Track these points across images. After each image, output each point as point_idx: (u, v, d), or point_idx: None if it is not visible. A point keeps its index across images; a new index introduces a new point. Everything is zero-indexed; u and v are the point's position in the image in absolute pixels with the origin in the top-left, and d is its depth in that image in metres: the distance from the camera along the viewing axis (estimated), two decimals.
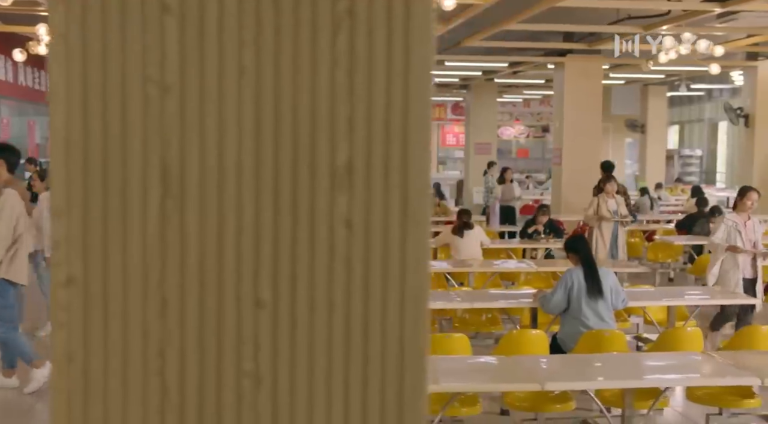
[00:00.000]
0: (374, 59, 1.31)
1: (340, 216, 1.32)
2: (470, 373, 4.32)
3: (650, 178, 21.70)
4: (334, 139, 1.31)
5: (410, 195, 1.33)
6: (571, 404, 4.62)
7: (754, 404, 4.75)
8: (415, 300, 1.35)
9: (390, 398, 1.36)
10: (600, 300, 5.69)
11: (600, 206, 9.78)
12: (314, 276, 1.32)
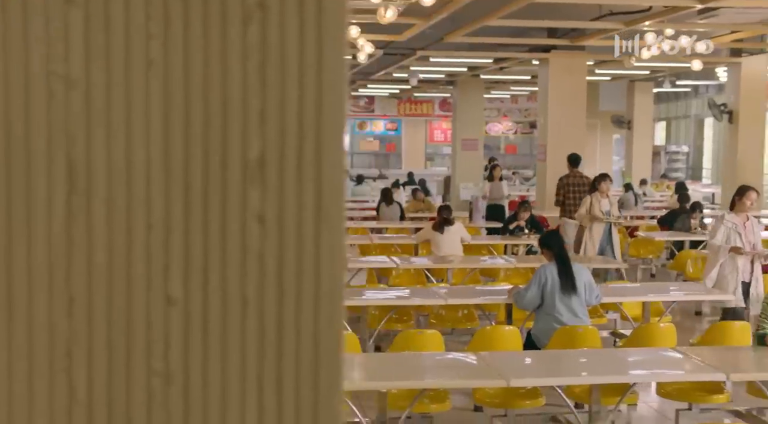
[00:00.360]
0: (286, 51, 1.29)
1: (252, 211, 1.30)
2: (439, 369, 4.31)
3: (636, 174, 21.76)
4: (245, 133, 1.29)
5: (324, 189, 1.31)
6: (540, 400, 4.61)
7: (722, 399, 4.76)
8: (330, 296, 1.33)
9: (305, 395, 1.34)
10: (574, 296, 5.69)
11: (593, 206, 9.54)
12: (226, 272, 1.30)
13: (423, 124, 30.43)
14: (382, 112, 29.83)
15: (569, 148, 14.99)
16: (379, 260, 8.31)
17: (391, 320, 6.63)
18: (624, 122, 23.61)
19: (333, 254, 1.34)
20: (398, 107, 29.76)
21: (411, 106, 29.89)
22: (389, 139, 30.54)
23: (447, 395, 4.57)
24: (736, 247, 6.74)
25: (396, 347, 5.17)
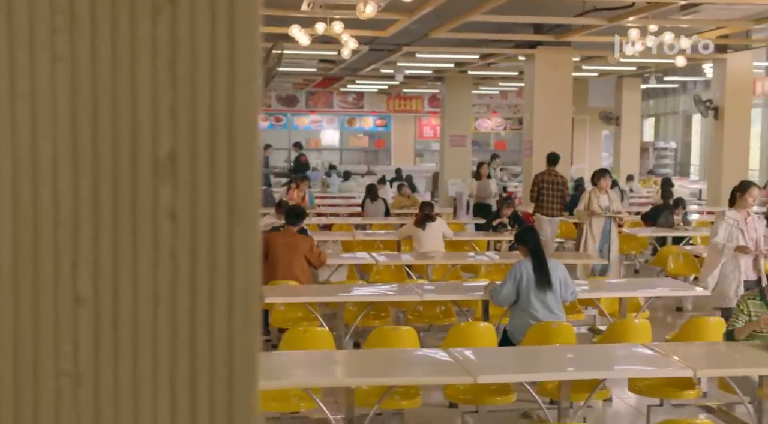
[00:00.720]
0: (197, 45, 1.27)
1: (164, 207, 1.28)
2: (409, 366, 4.30)
3: (624, 171, 21.80)
4: (156, 129, 1.27)
5: (238, 185, 1.30)
6: (511, 396, 4.61)
7: (693, 394, 4.76)
8: (245, 294, 1.31)
9: (219, 395, 1.32)
10: (549, 292, 5.69)
11: (591, 202, 9.40)
12: (137, 270, 1.28)
13: (412, 121, 30.41)
14: (371, 108, 29.79)
15: (555, 144, 15.00)
16: (359, 257, 8.29)
17: (369, 316, 6.61)
18: (612, 118, 23.64)
19: (247, 251, 1.33)
20: (387, 103, 29.72)
21: (400, 103, 29.86)
22: (378, 136, 30.51)
23: (418, 391, 4.56)
24: (742, 246, 6.48)
25: (370, 344, 5.16)
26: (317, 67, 18.82)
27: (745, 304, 4.67)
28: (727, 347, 4.58)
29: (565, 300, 5.88)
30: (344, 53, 11.30)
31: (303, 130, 29.65)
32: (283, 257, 7.03)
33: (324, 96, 29.10)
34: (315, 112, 29.38)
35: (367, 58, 16.81)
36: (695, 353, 4.57)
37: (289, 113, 29.36)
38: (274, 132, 29.65)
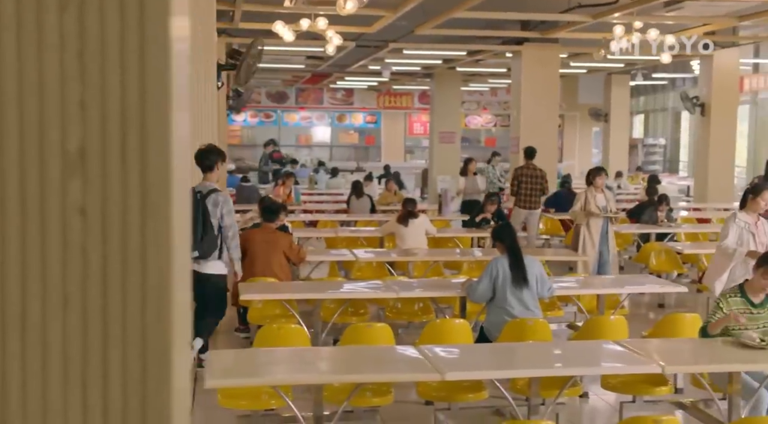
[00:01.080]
0: (106, 37, 1.25)
1: (73, 203, 1.26)
2: (380, 363, 4.27)
3: (613, 167, 21.79)
4: (64, 123, 1.25)
5: (150, 179, 1.28)
6: (483, 393, 4.60)
7: (665, 391, 4.76)
8: (158, 289, 1.30)
9: (132, 391, 1.31)
10: (525, 289, 5.67)
11: (588, 202, 8.87)
12: (46, 267, 1.26)
13: (402, 117, 30.39)
14: (361, 104, 29.76)
15: (542, 141, 15.01)
16: (339, 253, 8.27)
17: (347, 313, 6.59)
18: (601, 115, 23.65)
19: (160, 245, 1.31)
20: (377, 100, 29.70)
21: (390, 99, 29.83)
22: (369, 132, 30.47)
23: (389, 388, 4.55)
24: (753, 251, 6.16)
25: (345, 341, 5.14)
26: (305, 63, 18.79)
27: (725, 301, 4.66)
28: (699, 344, 4.57)
29: (542, 297, 5.87)
30: (329, 50, 11.27)
31: (293, 127, 29.60)
32: (262, 254, 7.01)
33: (314, 92, 29.07)
34: (305, 109, 29.34)
35: (355, 55, 16.79)
36: (666, 350, 4.56)
37: (279, 110, 29.31)
38: (264, 129, 29.60)
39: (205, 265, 6.05)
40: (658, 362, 4.01)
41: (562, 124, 30.70)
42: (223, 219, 6.12)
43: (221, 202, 6.14)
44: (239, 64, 7.45)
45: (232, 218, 6.16)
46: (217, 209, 6.10)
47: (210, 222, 6.02)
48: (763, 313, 4.61)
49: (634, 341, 4.85)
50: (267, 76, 25.19)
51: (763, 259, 4.61)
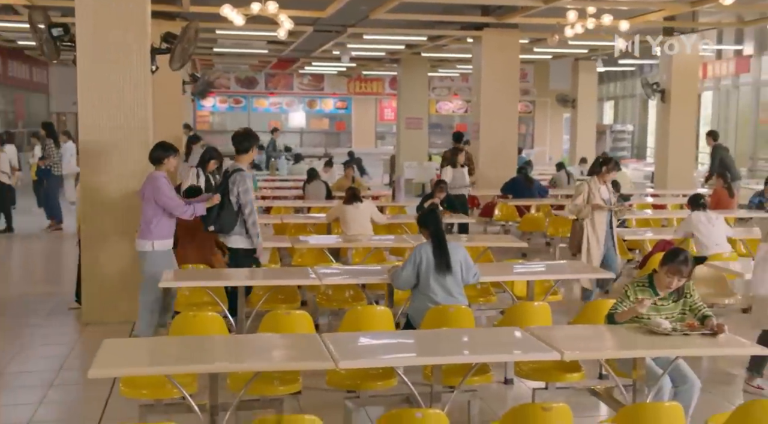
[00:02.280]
0: None
1: None
2: (280, 351, 4.22)
3: (581, 154, 21.85)
4: None
5: None
6: (393, 380, 4.57)
7: (576, 377, 4.74)
8: None
9: None
10: (449, 276, 5.63)
11: (592, 194, 7.97)
12: None
13: (373, 103, 30.26)
14: (332, 90, 29.59)
15: (503, 126, 14.99)
16: (277, 240, 8.21)
17: (277, 300, 6.54)
18: (568, 101, 23.65)
19: None
20: (348, 85, 29.54)
21: (361, 85, 29.69)
22: (339, 118, 30.33)
23: (296, 377, 4.51)
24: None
25: (263, 328, 5.09)
26: (267, 48, 18.63)
27: (632, 291, 4.64)
28: (608, 331, 4.56)
29: (467, 283, 5.82)
30: (280, 34, 11.15)
31: (263, 113, 29.39)
32: (190, 240, 6.94)
33: (284, 78, 28.84)
34: (274, 95, 29.13)
35: (317, 40, 16.66)
36: (574, 337, 4.53)
37: (249, 95, 29.09)
38: (233, 114, 29.39)
39: (228, 239, 6.60)
40: (558, 349, 3.99)
41: (533, 110, 30.79)
42: (239, 197, 6.52)
43: (238, 181, 6.52)
44: (173, 48, 7.33)
45: (248, 196, 6.51)
46: (234, 188, 6.51)
47: (229, 199, 6.50)
48: (667, 305, 4.60)
49: (544, 328, 4.83)
50: (233, 61, 25.01)
51: (665, 257, 4.60)
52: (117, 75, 7.08)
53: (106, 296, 7.21)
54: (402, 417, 3.41)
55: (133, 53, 7.13)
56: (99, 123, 7.10)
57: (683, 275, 4.51)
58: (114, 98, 7.10)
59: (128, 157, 7.18)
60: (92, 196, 7.18)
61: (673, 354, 4.36)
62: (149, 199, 6.45)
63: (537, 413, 3.46)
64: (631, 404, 3.59)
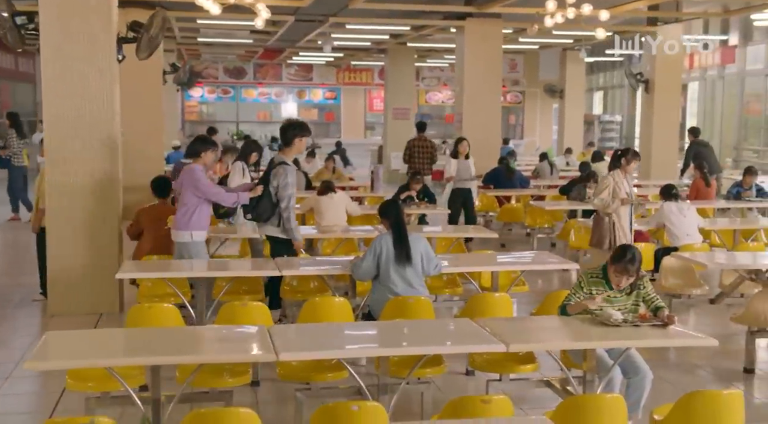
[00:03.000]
0: None
1: None
2: (222, 343, 4.17)
3: (569, 144, 21.82)
4: None
5: None
6: (344, 372, 4.54)
7: (530, 369, 4.72)
8: None
9: None
10: (408, 267, 5.59)
11: (618, 187, 7.64)
12: None
13: (362, 93, 30.17)
14: (321, 80, 29.50)
15: (485, 116, 14.93)
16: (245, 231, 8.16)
17: (240, 291, 6.51)
18: (556, 91, 23.60)
19: None
20: (337, 76, 29.44)
21: (350, 75, 29.59)
22: (328, 108, 30.25)
23: (246, 369, 4.47)
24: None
25: (221, 320, 5.06)
26: (251, 38, 18.53)
27: (586, 282, 4.61)
28: (561, 322, 4.52)
29: (427, 274, 5.79)
30: (258, 23, 11.09)
31: (251, 103, 29.30)
32: (155, 231, 6.90)
33: (272, 68, 28.73)
34: (263, 85, 29.03)
35: (300, 29, 16.57)
36: (525, 328, 4.50)
37: (237, 85, 28.99)
38: (222, 104, 29.30)
39: (263, 228, 6.73)
40: (504, 341, 3.96)
41: (523, 100, 30.73)
42: (278, 190, 6.62)
43: (279, 175, 6.62)
44: (140, 37, 7.26)
45: (286, 191, 6.60)
46: (274, 180, 6.62)
47: (268, 190, 6.62)
48: (620, 297, 4.57)
49: (498, 319, 4.81)
50: (220, 50, 24.89)
51: (613, 257, 4.58)
52: (82, 64, 7.01)
53: (72, 288, 7.16)
54: (338, 410, 3.37)
55: (98, 42, 7.06)
56: (63, 113, 7.04)
57: (630, 274, 4.50)
58: (79, 88, 7.03)
59: (93, 147, 7.12)
60: (57, 187, 7.13)
61: (619, 346, 4.35)
62: (187, 192, 6.50)
63: (476, 406, 3.43)
64: (571, 397, 3.55)
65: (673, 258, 6.87)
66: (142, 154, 13.19)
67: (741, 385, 5.64)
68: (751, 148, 18.40)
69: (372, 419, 3.34)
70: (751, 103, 18.53)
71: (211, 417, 3.27)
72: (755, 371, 5.86)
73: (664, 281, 7.00)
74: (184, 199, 6.49)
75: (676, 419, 3.72)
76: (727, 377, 5.81)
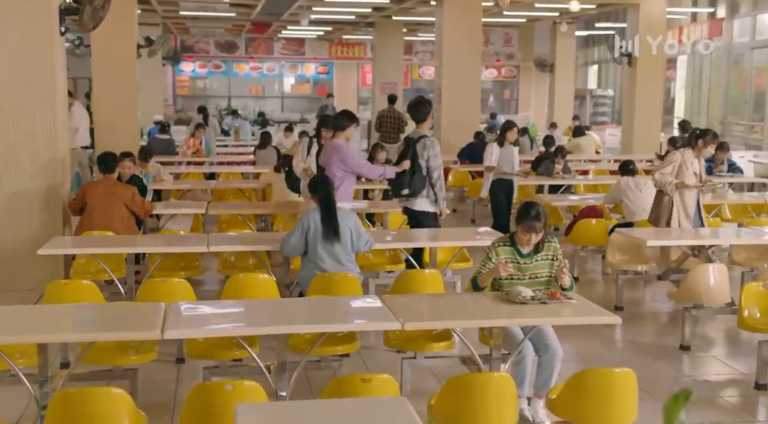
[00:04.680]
0: None
1: None
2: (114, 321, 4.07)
3: (559, 119, 21.62)
4: None
5: None
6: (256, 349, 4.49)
7: (445, 347, 4.66)
8: None
9: None
10: (337, 244, 5.52)
11: (685, 167, 7.10)
12: None
13: (355, 68, 29.94)
14: (313, 54, 29.28)
15: (465, 91, 14.77)
16: (190, 205, 8.09)
17: (178, 268, 6.45)
18: (546, 65, 23.38)
19: None
20: (329, 50, 29.21)
21: (342, 49, 29.35)
22: (321, 83, 30.04)
23: (153, 346, 4.41)
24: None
25: (142, 297, 5.00)
26: (232, 11, 18.34)
27: (494, 251, 4.53)
28: (470, 299, 4.45)
29: (358, 251, 5.72)
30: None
31: (243, 78, 29.12)
32: (101, 207, 6.83)
33: (264, 42, 28.51)
34: (254, 59, 28.82)
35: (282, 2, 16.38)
36: (431, 306, 4.41)
37: (229, 60, 28.79)
38: (214, 79, 29.12)
39: (414, 202, 6.97)
40: (401, 319, 3.88)
41: (518, 75, 30.47)
42: (429, 161, 6.87)
43: (428, 146, 6.90)
44: (82, 9, 7.14)
45: (437, 161, 6.91)
46: (425, 152, 6.87)
47: (418, 163, 6.87)
48: (530, 264, 4.49)
49: (410, 296, 4.74)
50: (206, 24, 24.70)
51: (518, 215, 4.49)
52: (17, 35, 6.89)
53: (16, 263, 7.11)
54: (212, 389, 3.31)
55: (38, 14, 6.95)
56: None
57: (537, 231, 4.41)
58: (17, 61, 6.93)
59: (33, 122, 7.03)
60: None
61: (520, 324, 4.27)
62: (333, 166, 6.62)
63: (357, 385, 3.37)
64: (456, 376, 3.48)
65: (617, 234, 6.77)
66: (114, 129, 13.13)
67: (670, 361, 5.57)
68: (735, 122, 18.20)
69: (249, 397, 3.27)
70: (737, 77, 18.30)
71: (78, 397, 3.21)
72: (691, 348, 5.78)
73: (611, 257, 6.92)
74: (330, 173, 6.57)
75: (567, 398, 3.66)
76: (659, 354, 5.74)
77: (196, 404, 3.27)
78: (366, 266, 6.70)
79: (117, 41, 13.26)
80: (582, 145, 15.39)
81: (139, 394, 4.45)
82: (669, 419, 1.51)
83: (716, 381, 5.28)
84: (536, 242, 4.48)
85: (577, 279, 7.84)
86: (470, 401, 3.47)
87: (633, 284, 7.41)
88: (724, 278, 5.64)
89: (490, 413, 3.47)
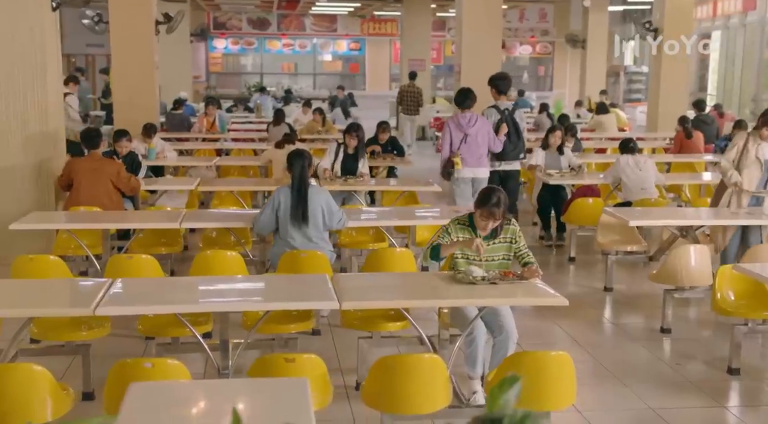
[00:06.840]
0: None
1: None
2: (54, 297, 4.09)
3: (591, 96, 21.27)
4: None
5: None
6: (208, 326, 4.48)
7: (400, 326, 4.59)
8: None
9: None
10: (308, 221, 5.47)
11: (747, 150, 6.47)
12: None
13: (387, 44, 29.73)
14: (345, 31, 29.13)
15: (484, 69, 14.50)
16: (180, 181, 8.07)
17: (160, 244, 6.47)
18: (578, 41, 22.94)
19: None
20: (361, 26, 29.04)
21: (374, 26, 29.15)
22: (353, 59, 29.91)
23: (105, 322, 4.42)
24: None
25: (109, 273, 5.01)
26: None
27: (453, 228, 4.44)
28: (420, 279, 4.37)
29: (330, 228, 5.66)
30: None
31: (275, 54, 29.12)
32: (86, 183, 6.86)
33: (296, 19, 28.45)
34: (286, 36, 28.78)
35: None
36: (377, 286, 4.31)
37: (261, 37, 28.79)
38: (246, 56, 29.16)
39: (513, 163, 8.11)
40: (339, 299, 3.81)
41: (553, 51, 30.00)
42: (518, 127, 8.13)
43: (523, 117, 8.35)
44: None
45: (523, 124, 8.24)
46: (522, 122, 8.15)
47: (520, 131, 8.12)
48: (487, 246, 4.39)
49: (361, 275, 4.68)
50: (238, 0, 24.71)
51: (478, 200, 4.38)
52: (7, 10, 6.91)
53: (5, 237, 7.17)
54: (132, 367, 3.29)
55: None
56: None
57: (496, 218, 4.31)
58: (7, 35, 6.96)
59: (24, 96, 7.07)
60: None
61: (467, 304, 4.17)
62: (479, 138, 7.72)
63: (280, 365, 3.32)
64: (384, 357, 3.42)
65: (605, 214, 6.61)
66: (132, 105, 13.19)
67: (648, 344, 5.43)
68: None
69: (170, 375, 3.24)
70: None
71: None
72: (671, 330, 5.63)
73: (601, 237, 6.76)
74: (479, 144, 7.68)
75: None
76: (639, 337, 5.60)
77: (114, 380, 3.25)
78: (350, 244, 6.65)
79: (135, 17, 13.29)
80: (604, 123, 15.11)
81: (97, 370, 4.46)
82: (491, 406, 1.44)
83: (691, 365, 5.13)
84: (493, 228, 4.38)
85: (573, 259, 7.71)
86: (398, 382, 3.41)
87: (627, 265, 7.24)
88: (705, 260, 5.47)
89: (418, 394, 3.40)
